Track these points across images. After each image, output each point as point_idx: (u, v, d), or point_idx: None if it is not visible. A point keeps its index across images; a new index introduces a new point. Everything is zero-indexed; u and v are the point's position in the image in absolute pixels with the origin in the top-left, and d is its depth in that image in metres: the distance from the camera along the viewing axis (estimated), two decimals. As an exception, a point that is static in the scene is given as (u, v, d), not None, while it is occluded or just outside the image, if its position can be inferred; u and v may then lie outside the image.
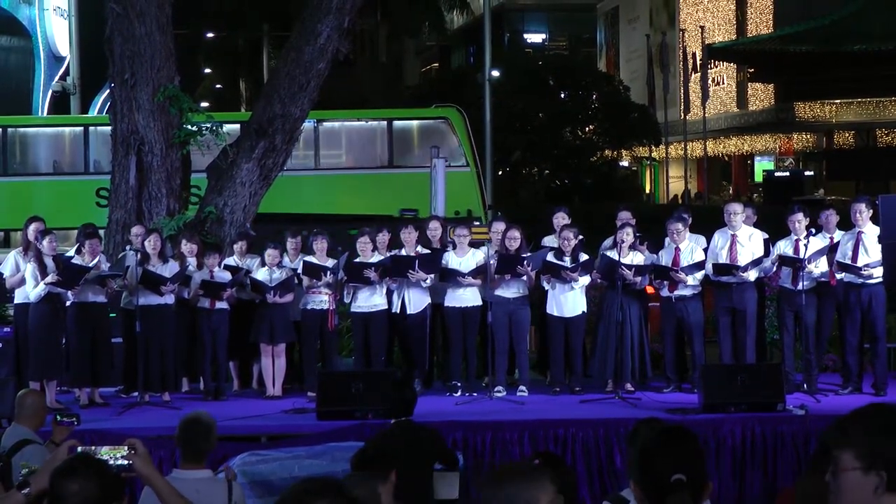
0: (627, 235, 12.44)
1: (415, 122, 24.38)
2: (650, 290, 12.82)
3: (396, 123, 23.60)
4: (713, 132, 50.68)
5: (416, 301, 12.60)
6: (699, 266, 12.31)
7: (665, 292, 12.44)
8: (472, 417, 11.02)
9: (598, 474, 10.59)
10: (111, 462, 5.23)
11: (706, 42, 48.61)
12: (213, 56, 50.14)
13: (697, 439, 3.85)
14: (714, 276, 12.33)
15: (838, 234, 12.36)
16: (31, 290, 11.95)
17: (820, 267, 12.16)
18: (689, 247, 12.46)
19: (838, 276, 12.18)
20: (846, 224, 12.53)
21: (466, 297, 12.57)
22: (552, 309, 12.54)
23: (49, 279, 11.83)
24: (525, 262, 12.27)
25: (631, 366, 12.40)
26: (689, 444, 3.76)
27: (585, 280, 12.44)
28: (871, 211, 12.14)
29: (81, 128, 24.05)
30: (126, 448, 5.36)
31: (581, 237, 12.68)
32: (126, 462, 5.28)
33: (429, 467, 8.37)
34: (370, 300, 12.55)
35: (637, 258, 12.52)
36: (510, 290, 12.44)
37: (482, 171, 24.03)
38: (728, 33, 52.67)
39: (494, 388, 12.24)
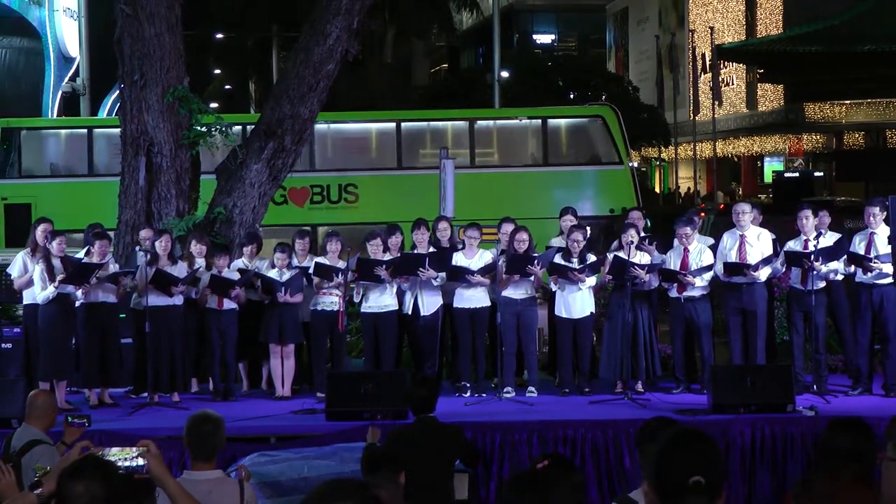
0: (632, 236, 12.43)
1: (570, 121, 24.62)
2: None
3: (551, 122, 23.79)
4: (722, 133, 50.62)
5: (429, 303, 12.61)
6: (707, 268, 12.30)
7: (674, 293, 12.43)
8: (481, 418, 11.01)
9: (608, 475, 10.57)
10: (122, 463, 5.24)
11: (715, 43, 48.55)
12: (222, 57, 50.21)
13: (716, 443, 3.81)
14: (725, 277, 12.31)
15: (830, 236, 12.30)
16: (38, 293, 11.96)
17: (829, 266, 12.13)
18: (698, 248, 12.45)
19: (839, 275, 12.16)
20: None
21: (475, 297, 12.57)
22: (560, 310, 12.53)
23: (59, 279, 11.84)
24: (535, 262, 12.28)
25: (642, 366, 12.41)
26: (708, 447, 3.72)
27: (592, 281, 12.43)
28: (886, 213, 12.10)
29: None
30: (134, 449, 5.37)
31: (589, 238, 12.69)
32: (142, 462, 5.30)
33: (450, 465, 8.36)
34: (380, 300, 12.56)
35: (644, 258, 12.51)
36: (518, 291, 12.44)
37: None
38: (737, 34, 52.63)
39: (503, 389, 12.23)
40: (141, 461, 5.32)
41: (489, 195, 21.67)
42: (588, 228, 12.84)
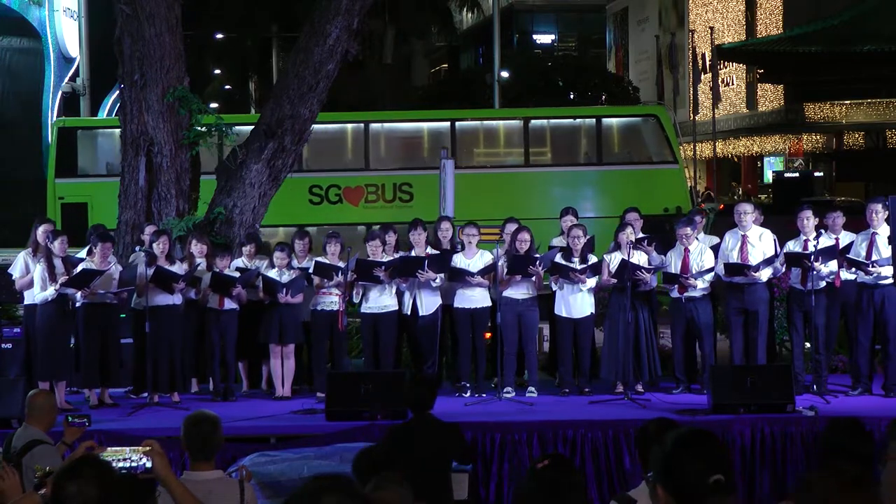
0: (628, 235, 12.43)
1: (623, 120, 24.74)
2: None
3: (605, 121, 23.89)
4: (722, 133, 50.58)
5: (428, 303, 12.61)
6: (709, 270, 12.29)
7: (675, 293, 12.43)
8: (481, 418, 11.01)
9: (607, 475, 10.58)
10: (118, 463, 5.26)
11: (715, 43, 48.52)
12: (222, 57, 50.20)
13: (722, 443, 3.79)
14: (726, 277, 12.31)
15: (844, 236, 12.32)
16: (37, 293, 11.97)
17: (829, 266, 12.12)
18: (699, 248, 12.45)
19: (847, 275, 12.14)
20: (854, 226, 12.49)
21: (475, 297, 12.57)
22: (561, 310, 12.53)
23: (60, 281, 11.84)
24: (537, 263, 12.28)
25: (644, 367, 12.41)
26: (718, 445, 3.71)
27: (592, 282, 12.42)
28: (888, 212, 12.08)
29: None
30: (129, 449, 5.39)
31: (590, 236, 12.69)
32: (147, 463, 5.32)
33: (448, 462, 8.35)
34: (379, 301, 12.56)
35: (642, 258, 12.52)
36: (519, 291, 12.44)
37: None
38: (737, 34, 52.58)
39: (503, 389, 12.23)
40: (144, 460, 5.34)
41: (543, 194, 21.78)
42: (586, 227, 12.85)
